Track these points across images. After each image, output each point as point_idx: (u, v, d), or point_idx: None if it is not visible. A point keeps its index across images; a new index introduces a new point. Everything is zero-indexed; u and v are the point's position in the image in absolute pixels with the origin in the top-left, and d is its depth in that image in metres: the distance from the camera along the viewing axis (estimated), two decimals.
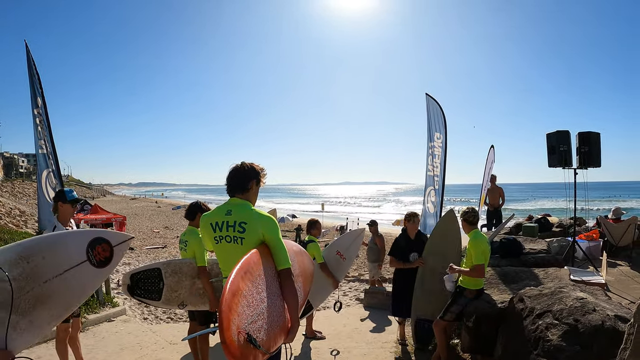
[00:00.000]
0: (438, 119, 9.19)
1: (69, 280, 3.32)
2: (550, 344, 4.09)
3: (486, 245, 5.55)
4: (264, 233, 3.54)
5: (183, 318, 9.20)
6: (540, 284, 5.89)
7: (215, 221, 3.66)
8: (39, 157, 8.56)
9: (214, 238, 3.66)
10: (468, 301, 5.63)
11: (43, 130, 8.31)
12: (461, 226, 5.94)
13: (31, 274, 3.16)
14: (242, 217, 3.60)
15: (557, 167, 8.74)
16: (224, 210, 3.67)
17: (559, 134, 8.70)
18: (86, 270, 3.42)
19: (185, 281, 5.52)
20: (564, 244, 9.10)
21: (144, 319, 9.24)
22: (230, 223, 3.61)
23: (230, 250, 3.58)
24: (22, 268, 3.13)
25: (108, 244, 3.58)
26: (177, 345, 7.22)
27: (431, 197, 9.28)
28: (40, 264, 3.21)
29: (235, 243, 3.56)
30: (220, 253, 3.68)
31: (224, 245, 3.62)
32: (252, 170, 3.79)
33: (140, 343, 7.34)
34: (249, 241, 3.52)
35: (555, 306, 4.42)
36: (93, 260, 3.49)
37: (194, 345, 6.00)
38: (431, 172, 9.30)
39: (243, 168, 3.78)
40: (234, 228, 3.59)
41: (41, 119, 8.29)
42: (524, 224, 11.46)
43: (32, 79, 8.36)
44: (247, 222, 3.57)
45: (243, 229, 3.56)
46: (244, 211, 3.64)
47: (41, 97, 8.23)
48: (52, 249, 3.33)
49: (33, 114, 8.43)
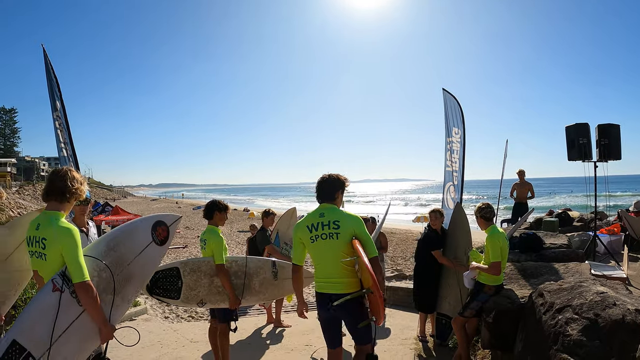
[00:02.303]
0: (456, 114, 9.11)
1: (143, 259, 3.91)
2: (570, 339, 4.06)
3: (504, 241, 5.50)
4: (354, 229, 4.27)
5: (204, 317, 9.26)
6: (561, 278, 5.83)
7: (311, 223, 4.35)
8: (61, 159, 8.63)
9: (310, 238, 4.32)
10: (487, 297, 5.59)
11: (63, 134, 8.38)
12: (477, 223, 5.90)
13: (118, 259, 3.74)
14: (334, 217, 4.31)
15: (576, 161, 8.65)
16: (317, 214, 4.39)
17: (578, 126, 8.60)
18: (153, 249, 4.00)
19: (203, 279, 5.57)
20: (584, 239, 9.00)
21: (165, 318, 9.31)
22: (325, 222, 4.30)
23: (327, 246, 4.28)
24: (112, 256, 3.71)
25: (165, 225, 4.12)
26: (197, 343, 7.31)
27: (450, 193, 9.21)
28: (123, 249, 3.80)
29: (331, 239, 4.26)
30: (316, 250, 4.34)
31: (319, 242, 4.29)
32: (338, 181, 4.49)
33: (161, 341, 7.42)
34: (344, 236, 4.24)
35: (575, 301, 4.37)
36: (156, 240, 4.03)
37: (214, 343, 6.04)
38: (450, 167, 9.23)
39: (330, 180, 4.48)
40: (329, 226, 4.28)
41: (60, 122, 8.36)
42: (544, 218, 11.37)
43: (51, 83, 8.41)
44: (339, 220, 4.28)
45: (337, 226, 4.26)
46: (334, 212, 4.38)
47: (60, 101, 8.28)
48: (129, 236, 3.91)
49: (53, 117, 8.50)
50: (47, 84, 8.55)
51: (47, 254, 3.40)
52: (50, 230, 3.36)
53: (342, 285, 4.25)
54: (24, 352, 3.16)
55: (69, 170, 3.64)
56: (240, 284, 5.71)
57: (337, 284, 4.26)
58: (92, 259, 3.57)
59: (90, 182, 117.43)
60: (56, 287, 3.33)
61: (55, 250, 3.35)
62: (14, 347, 3.16)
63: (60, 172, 3.61)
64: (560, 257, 7.48)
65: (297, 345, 7.28)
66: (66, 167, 3.73)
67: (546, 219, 10.87)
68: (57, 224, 3.38)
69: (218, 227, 5.77)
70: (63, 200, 3.54)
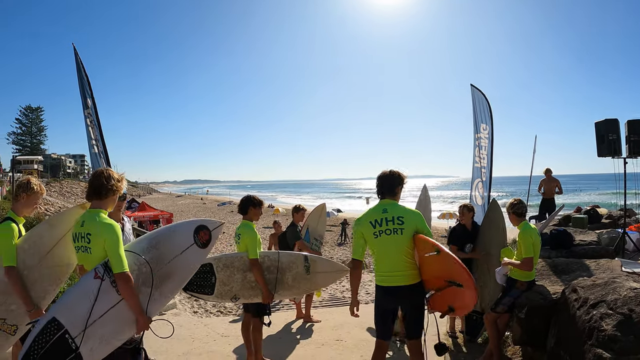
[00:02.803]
0: (484, 110, 9.09)
1: (183, 259, 4.09)
2: (604, 334, 4.06)
3: (536, 237, 5.49)
4: (417, 224, 4.47)
5: (233, 311, 9.37)
6: (592, 275, 5.80)
7: (375, 219, 4.48)
8: (92, 156, 8.78)
9: (374, 233, 4.43)
10: (520, 293, 5.58)
11: (94, 130, 8.52)
12: (508, 219, 5.89)
13: (159, 257, 3.96)
14: (397, 213, 4.47)
15: (606, 157, 8.57)
16: (380, 210, 4.52)
17: (607, 122, 8.51)
18: (194, 251, 4.15)
19: (236, 275, 5.67)
20: (613, 236, 8.91)
21: (194, 313, 9.45)
22: (389, 218, 4.44)
23: (391, 241, 4.41)
24: (152, 253, 3.93)
25: (207, 229, 4.23)
26: (228, 337, 7.39)
27: (479, 189, 9.20)
28: (164, 248, 4.01)
29: (396, 234, 4.40)
30: (379, 245, 4.46)
31: (383, 237, 4.41)
32: (399, 177, 4.63)
33: (192, 335, 7.53)
34: (408, 231, 4.41)
35: (609, 296, 4.38)
36: (198, 243, 4.17)
37: (247, 337, 6.12)
38: (478, 163, 9.21)
39: (392, 176, 4.62)
40: (393, 222, 4.42)
41: (92, 119, 8.50)
42: (573, 215, 11.28)
43: (82, 82, 8.54)
44: (403, 216, 4.45)
45: (401, 222, 4.41)
46: (397, 208, 4.53)
47: (91, 98, 8.42)
48: (170, 236, 4.12)
49: (84, 114, 8.64)
50: (78, 82, 8.69)
51: (92, 247, 3.69)
52: (94, 226, 3.68)
53: (406, 278, 4.45)
54: (61, 329, 3.49)
55: (106, 170, 3.95)
56: (272, 278, 5.78)
57: (400, 277, 4.44)
58: (133, 254, 3.84)
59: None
60: (97, 275, 3.63)
61: (99, 244, 3.65)
62: (53, 323, 3.49)
63: (98, 172, 3.94)
64: (590, 253, 7.43)
65: (328, 340, 7.32)
66: (104, 168, 4.07)
67: (575, 216, 10.77)
68: (100, 220, 3.70)
69: (253, 222, 5.85)
70: (103, 197, 3.86)
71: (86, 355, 3.54)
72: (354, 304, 4.66)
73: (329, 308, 9.79)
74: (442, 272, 4.32)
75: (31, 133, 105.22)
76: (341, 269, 6.34)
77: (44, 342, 3.45)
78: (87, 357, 3.55)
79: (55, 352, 3.45)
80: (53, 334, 3.47)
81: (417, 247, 4.47)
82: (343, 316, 8.41)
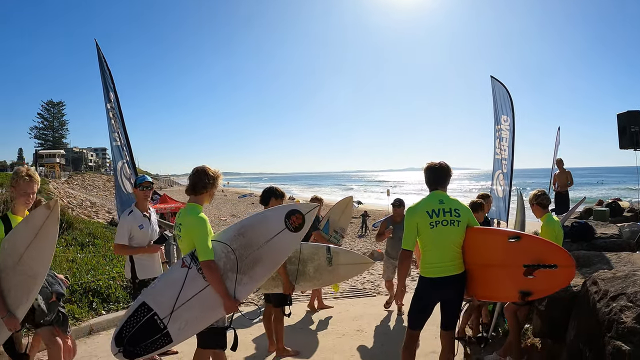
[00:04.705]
0: (504, 102, 9.06)
1: (275, 244, 4.34)
2: (624, 326, 4.06)
3: (559, 229, 5.49)
4: (469, 218, 4.66)
5: (254, 302, 9.45)
6: (613, 267, 5.78)
7: (432, 209, 4.55)
8: (114, 149, 8.89)
9: (430, 223, 4.49)
10: None
11: (116, 123, 8.63)
12: (532, 210, 5.89)
13: (247, 243, 4.27)
14: (454, 205, 4.63)
15: (628, 149, 8.51)
16: (436, 200, 4.63)
17: (629, 114, 8.46)
18: (286, 235, 4.38)
19: None
20: (635, 229, 8.84)
21: None
22: (446, 210, 4.56)
23: (447, 232, 4.51)
24: (240, 241, 4.26)
25: (300, 213, 4.43)
26: (249, 328, 7.43)
27: (500, 181, 9.18)
28: (252, 235, 4.31)
29: (452, 225, 4.52)
30: (434, 236, 4.51)
31: (439, 228, 4.50)
32: (448, 169, 4.78)
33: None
34: (463, 224, 4.57)
35: (629, 289, 4.37)
36: (290, 227, 4.39)
37: (269, 327, 6.20)
38: (499, 155, 9.19)
39: (442, 168, 4.74)
40: (451, 213, 4.54)
41: (114, 112, 8.62)
42: (594, 208, 11.21)
43: (104, 75, 8.64)
44: (459, 209, 4.62)
45: (458, 214, 4.57)
46: (451, 200, 4.69)
47: (113, 92, 8.54)
48: (259, 223, 4.43)
49: (106, 108, 8.74)
50: (100, 76, 8.81)
51: (182, 236, 4.29)
52: (187, 218, 4.26)
53: (455, 267, 4.59)
54: (150, 312, 4.04)
55: (202, 168, 4.41)
56: (294, 269, 5.85)
57: (451, 266, 4.56)
58: (221, 244, 4.24)
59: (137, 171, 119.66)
60: (184, 264, 4.16)
61: (188, 233, 4.20)
62: (143, 307, 4.06)
63: (195, 170, 4.41)
64: (611, 246, 7.40)
65: (348, 330, 7.40)
66: (201, 166, 4.42)
67: (597, 209, 10.69)
68: (192, 214, 4.24)
69: None
70: (197, 193, 4.38)
71: (174, 334, 4.04)
72: (399, 296, 5.09)
73: (350, 299, 9.84)
74: (521, 257, 4.35)
75: (53, 127, 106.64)
76: (364, 261, 6.32)
77: (135, 322, 4.02)
78: (176, 335, 4.05)
79: (145, 330, 4.01)
80: (143, 315, 4.02)
81: (481, 241, 4.65)
82: (363, 307, 8.52)
